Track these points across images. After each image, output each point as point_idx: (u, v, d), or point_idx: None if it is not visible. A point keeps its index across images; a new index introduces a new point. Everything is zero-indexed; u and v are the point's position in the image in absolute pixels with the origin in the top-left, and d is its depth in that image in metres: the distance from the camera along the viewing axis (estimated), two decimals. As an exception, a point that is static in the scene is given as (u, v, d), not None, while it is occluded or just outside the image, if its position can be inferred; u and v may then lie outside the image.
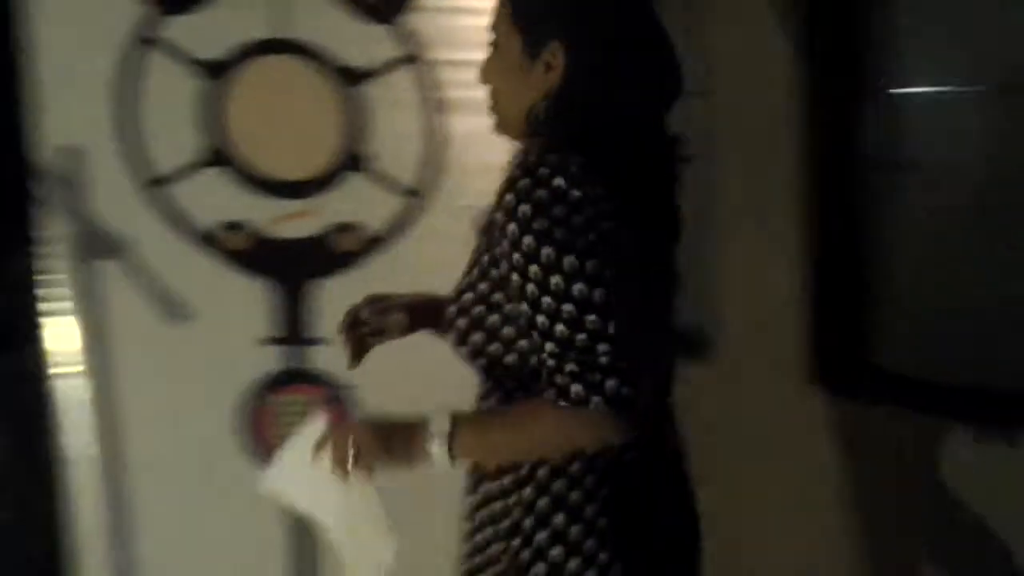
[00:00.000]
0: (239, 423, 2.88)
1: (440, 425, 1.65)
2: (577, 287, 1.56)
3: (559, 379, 1.58)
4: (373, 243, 2.88)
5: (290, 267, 2.86)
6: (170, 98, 2.76)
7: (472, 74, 1.83)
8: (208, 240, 2.82)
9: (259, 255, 2.84)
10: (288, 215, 2.85)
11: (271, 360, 2.89)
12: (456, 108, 2.85)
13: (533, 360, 1.64)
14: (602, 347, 1.56)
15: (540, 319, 1.59)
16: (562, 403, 1.58)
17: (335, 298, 2.88)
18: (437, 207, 2.87)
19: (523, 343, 1.65)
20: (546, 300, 1.58)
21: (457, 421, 1.65)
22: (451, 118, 2.85)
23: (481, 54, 1.81)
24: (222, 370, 2.86)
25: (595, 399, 1.56)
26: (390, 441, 1.67)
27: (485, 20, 1.79)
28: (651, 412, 1.70)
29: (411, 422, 1.67)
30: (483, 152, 2.87)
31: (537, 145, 1.61)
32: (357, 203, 2.86)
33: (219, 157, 2.79)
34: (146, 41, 2.73)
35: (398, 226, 2.88)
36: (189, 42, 2.75)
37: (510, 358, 1.68)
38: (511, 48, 1.72)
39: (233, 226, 2.83)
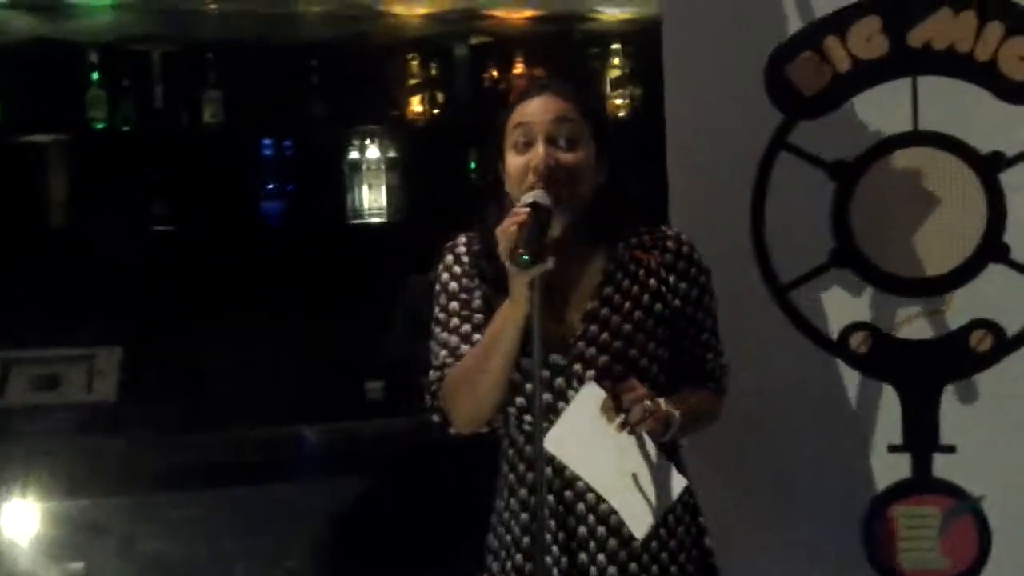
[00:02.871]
0: (863, 532, 2.74)
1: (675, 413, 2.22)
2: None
3: (718, 375, 2.37)
4: (1011, 341, 2.65)
5: (920, 369, 2.71)
6: (799, 201, 2.74)
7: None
8: (835, 344, 2.73)
9: (888, 357, 2.71)
10: (917, 314, 2.70)
11: (899, 467, 2.73)
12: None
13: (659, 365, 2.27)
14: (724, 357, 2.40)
15: (707, 336, 2.34)
16: (719, 393, 2.39)
17: (968, 402, 2.68)
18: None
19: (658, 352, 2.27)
20: (710, 322, 2.34)
21: (680, 409, 2.23)
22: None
23: None
24: (848, 475, 2.74)
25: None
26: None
27: None
28: None
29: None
30: None
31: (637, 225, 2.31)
32: (992, 298, 2.66)
33: (846, 257, 2.72)
34: (779, 146, 2.73)
35: (1039, 323, 2.65)
36: (820, 144, 2.72)
37: (644, 362, 2.25)
38: (588, 150, 2.23)
39: (861, 327, 2.73)
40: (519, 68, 5.12)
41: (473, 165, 5.01)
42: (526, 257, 2.02)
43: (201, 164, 4.65)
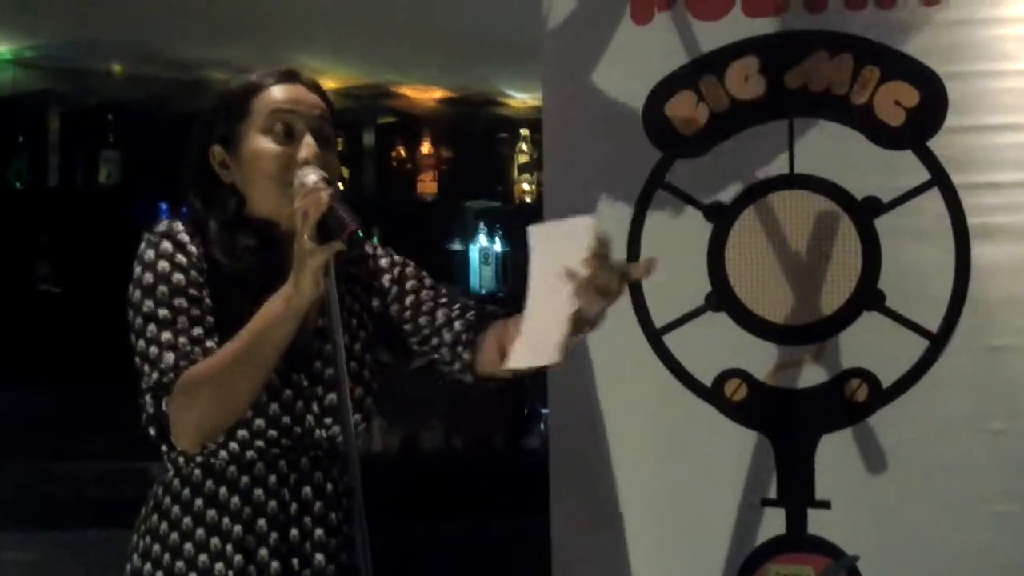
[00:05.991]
0: (736, 589, 2.63)
1: None
2: None
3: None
4: (887, 391, 2.58)
5: (795, 419, 2.63)
6: (675, 241, 2.69)
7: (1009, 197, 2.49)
8: (709, 390, 2.66)
9: (762, 405, 2.63)
10: (793, 362, 2.63)
11: (771, 523, 2.63)
12: (981, 235, 2.54)
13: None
14: None
15: (437, 287, 2.22)
16: None
17: (843, 455, 2.60)
18: (957, 349, 2.54)
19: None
20: (428, 279, 2.23)
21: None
22: (976, 247, 2.54)
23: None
24: (720, 529, 2.64)
25: None
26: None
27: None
28: None
29: None
30: (1009, 284, 2.55)
31: None
32: (868, 347, 2.59)
33: (721, 301, 2.66)
34: (656, 184, 2.69)
35: (915, 372, 2.57)
36: (697, 184, 2.68)
37: (374, 385, 2.17)
38: (335, 145, 2.15)
39: (735, 374, 2.65)
40: (426, 148, 5.12)
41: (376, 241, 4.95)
42: (360, 233, 1.89)
43: (94, 224, 4.57)
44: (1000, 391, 2.54)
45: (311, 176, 1.97)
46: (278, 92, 2.09)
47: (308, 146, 2.05)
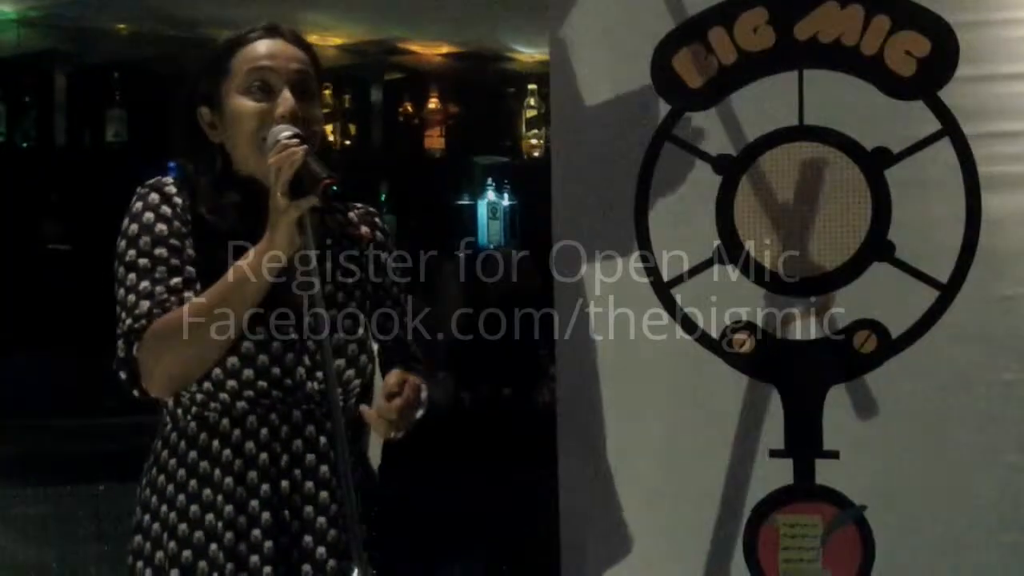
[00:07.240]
0: (744, 541, 2.64)
1: None
2: None
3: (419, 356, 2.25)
4: (896, 342, 2.58)
5: (803, 370, 2.63)
6: (684, 194, 2.68)
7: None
8: (717, 342, 2.66)
9: (770, 357, 2.63)
10: (801, 313, 2.63)
11: (779, 474, 2.63)
12: (992, 185, 2.53)
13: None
14: None
15: (406, 317, 2.25)
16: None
17: (852, 405, 2.60)
18: (967, 300, 2.54)
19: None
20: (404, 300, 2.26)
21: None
22: (986, 197, 2.53)
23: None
24: (728, 480, 2.64)
25: None
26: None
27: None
28: None
29: None
30: (1020, 234, 2.54)
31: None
32: (877, 298, 2.59)
33: (730, 253, 2.65)
34: (664, 138, 2.68)
35: (924, 322, 2.57)
36: (705, 137, 2.67)
37: (368, 343, 2.16)
38: (319, 98, 2.16)
39: (744, 326, 2.65)
40: (434, 104, 5.11)
41: (384, 197, 4.95)
42: (336, 187, 1.92)
43: (101, 182, 4.56)
44: (1011, 341, 2.53)
45: (284, 132, 2.00)
46: (257, 48, 2.09)
47: (285, 101, 2.06)
